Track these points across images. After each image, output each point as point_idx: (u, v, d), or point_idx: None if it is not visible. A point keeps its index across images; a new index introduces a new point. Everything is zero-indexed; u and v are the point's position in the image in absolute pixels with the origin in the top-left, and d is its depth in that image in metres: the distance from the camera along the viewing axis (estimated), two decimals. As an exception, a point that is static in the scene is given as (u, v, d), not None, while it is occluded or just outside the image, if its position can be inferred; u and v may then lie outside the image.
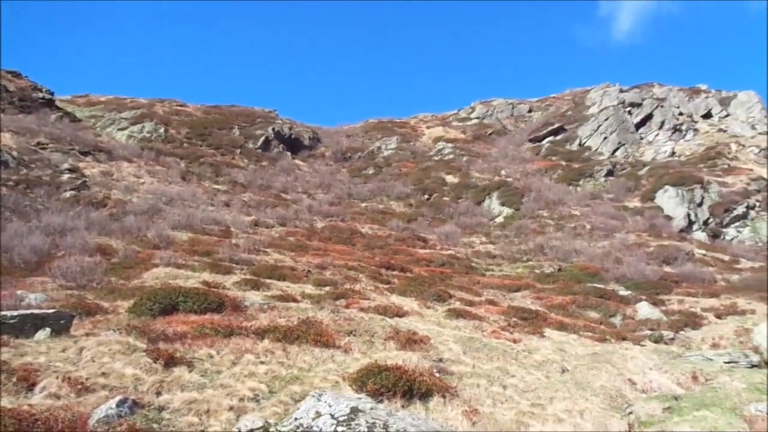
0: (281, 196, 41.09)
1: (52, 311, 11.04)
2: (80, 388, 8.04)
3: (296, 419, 6.34)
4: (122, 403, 7.55)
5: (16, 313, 10.53)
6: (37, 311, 11.00)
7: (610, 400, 11.70)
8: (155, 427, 7.46)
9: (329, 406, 6.37)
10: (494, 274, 30.12)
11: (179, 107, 58.09)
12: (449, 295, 20.92)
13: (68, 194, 27.01)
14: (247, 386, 9.13)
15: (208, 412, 8.11)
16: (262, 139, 53.40)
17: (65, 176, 29.34)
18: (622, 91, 70.90)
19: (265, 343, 11.35)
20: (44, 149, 32.21)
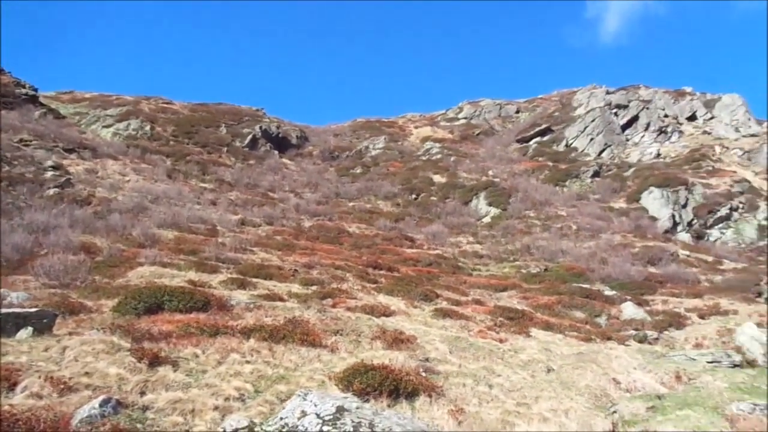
0: (268, 194, 40.92)
1: (34, 310, 10.90)
2: (63, 387, 7.95)
3: (282, 419, 6.31)
4: (105, 402, 7.47)
5: (-3, 311, 10.37)
6: (19, 310, 10.85)
7: (594, 399, 11.79)
8: (139, 427, 7.39)
9: (315, 405, 6.35)
10: (481, 273, 30.21)
11: (165, 105, 57.63)
12: (436, 294, 20.96)
13: (52, 192, 26.68)
14: (232, 386, 9.07)
15: (192, 411, 8.05)
16: (249, 137, 53.13)
17: (49, 173, 28.98)
18: (608, 92, 71.48)
19: (251, 342, 11.29)
20: (27, 146, 31.79)
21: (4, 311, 10.44)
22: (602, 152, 59.36)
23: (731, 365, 15.10)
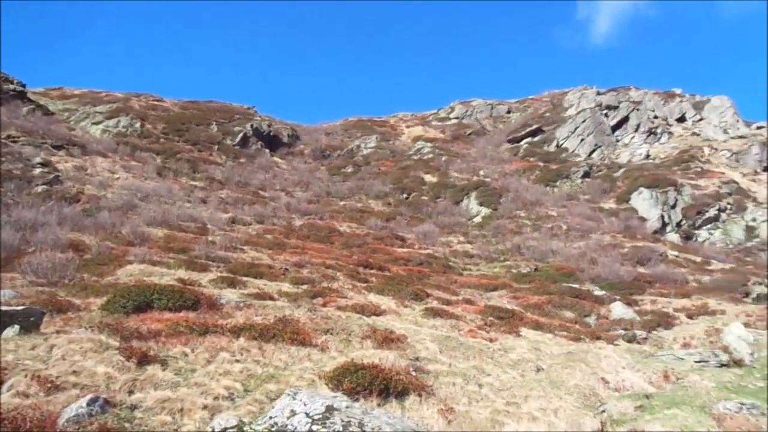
0: (259, 193, 40.79)
1: (21, 308, 10.79)
2: (50, 386, 7.87)
3: (271, 418, 6.29)
4: (93, 401, 7.41)
5: (-17, 309, 10.26)
6: (5, 308, 10.73)
7: (583, 398, 11.85)
8: (127, 426, 7.34)
9: (304, 404, 6.33)
10: (471, 273, 30.28)
11: (156, 102, 57.28)
12: (426, 294, 20.98)
13: (40, 189, 26.44)
14: (221, 385, 9.03)
15: (181, 411, 8.01)
16: (240, 135, 52.93)
17: (37, 170, 28.71)
18: (599, 93, 71.87)
19: (240, 341, 11.25)
20: (15, 142, 31.47)
21: (-10, 309, 10.33)
22: (592, 153, 59.67)
23: (718, 365, 15.22)
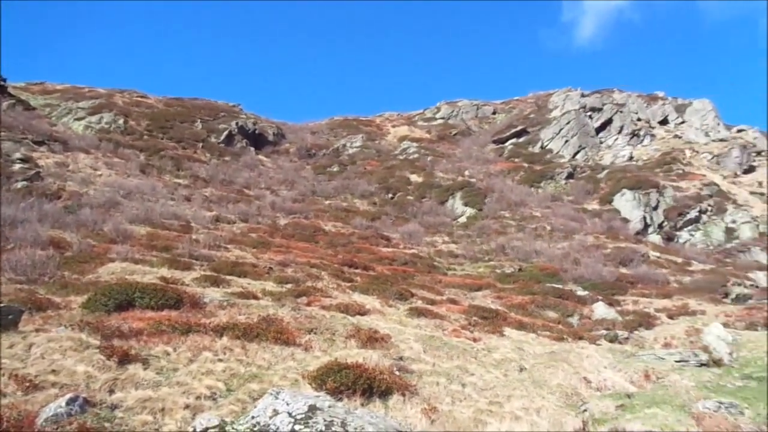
0: (244, 191, 40.54)
1: (-1, 306, 10.62)
2: (28, 385, 7.76)
3: (253, 417, 6.25)
4: (72, 401, 7.31)
5: (-40, 307, 10.08)
6: (-17, 306, 10.55)
7: (565, 398, 11.95)
8: (107, 426, 7.25)
9: (287, 404, 6.31)
10: (456, 273, 30.38)
11: (140, 98, 56.69)
12: (411, 293, 21.00)
13: (20, 185, 26.04)
14: (204, 384, 8.97)
15: (163, 410, 7.94)
16: (225, 133, 52.58)
17: (17, 166, 28.27)
18: (583, 95, 72.44)
19: (223, 340, 11.18)
20: (-5, 138, 30.97)
21: (-33, 307, 10.15)
22: (576, 154, 60.16)
23: (698, 364, 15.43)
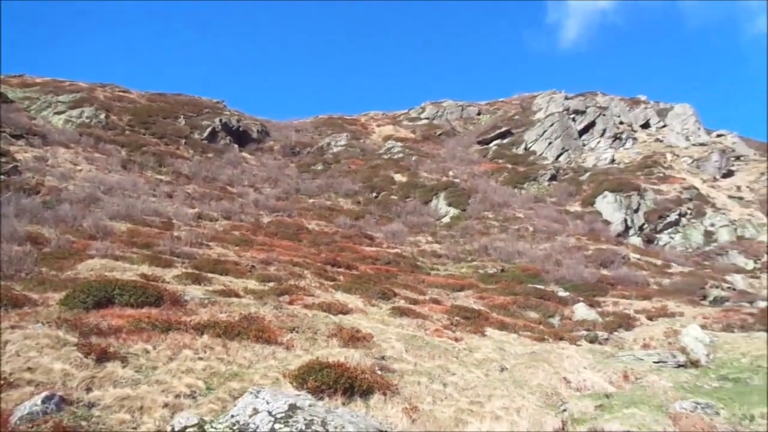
0: (227, 189, 40.24)
1: (-26, 302, 10.43)
2: (2, 383, 7.63)
3: (233, 416, 6.21)
4: (48, 399, 7.21)
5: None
6: (-43, 302, 10.36)
7: (545, 397, 12.03)
8: (84, 424, 7.16)
9: (267, 402, 6.27)
10: (439, 273, 30.45)
11: (122, 93, 55.98)
12: (394, 293, 21.01)
13: (-2, 179, 25.59)
14: (183, 382, 8.89)
15: (141, 409, 7.85)
16: (208, 129, 52.12)
17: (-5, 160, 27.77)
18: (567, 98, 73.02)
19: (204, 338, 11.09)
20: (-27, 131, 30.41)
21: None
22: (560, 156, 60.63)
23: (676, 365, 15.66)
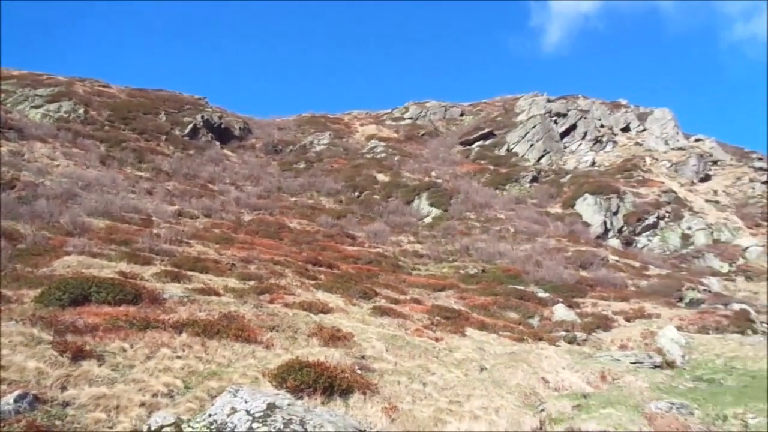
0: (208, 186, 39.91)
1: (-54, 299, 10.21)
2: (-26, 381, 7.48)
3: (210, 416, 6.16)
4: (21, 398, 7.08)
5: None
6: (-72, 298, 10.13)
7: (524, 397, 12.12)
8: (58, 423, 7.04)
9: (245, 401, 6.23)
10: (420, 273, 30.52)
11: (101, 88, 55.19)
12: (375, 292, 21.01)
13: (-28, 174, 25.10)
14: (161, 381, 8.80)
15: (117, 408, 7.76)
16: (190, 126, 51.61)
17: (-30, 154, 27.24)
18: (549, 101, 73.64)
19: (183, 337, 10.99)
20: (-53, 124, 29.77)
21: None
22: (541, 158, 61.14)
23: (652, 366, 15.89)
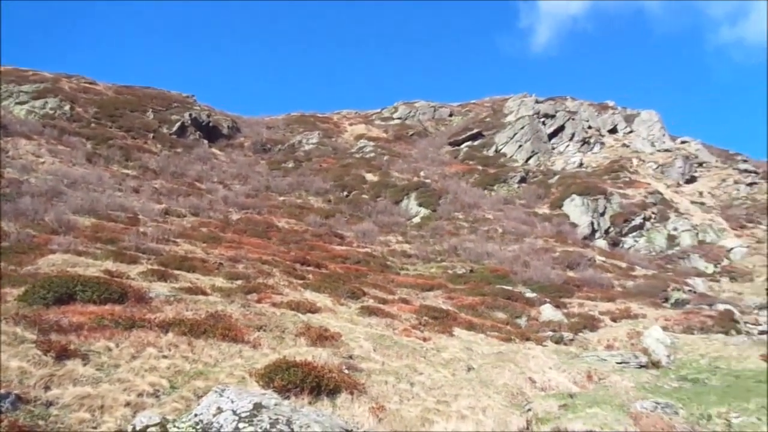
0: (195, 185, 39.66)
1: (-73, 297, 10.06)
2: (-45, 381, 7.37)
3: (196, 415, 6.11)
4: (3, 398, 7.00)
5: None
6: None
7: (511, 397, 12.18)
8: (41, 423, 6.96)
9: (232, 401, 6.19)
10: (408, 273, 30.54)
11: (88, 84, 54.65)
12: (363, 292, 20.99)
13: (-45, 170, 24.76)
14: (146, 381, 8.73)
15: (102, 407, 7.68)
16: (177, 124, 51.28)
17: (-47, 151, 26.87)
18: (537, 102, 73.98)
19: (169, 336, 10.90)
20: (-71, 120, 29.34)
21: None
22: (529, 159, 61.43)
23: (638, 366, 16.03)
